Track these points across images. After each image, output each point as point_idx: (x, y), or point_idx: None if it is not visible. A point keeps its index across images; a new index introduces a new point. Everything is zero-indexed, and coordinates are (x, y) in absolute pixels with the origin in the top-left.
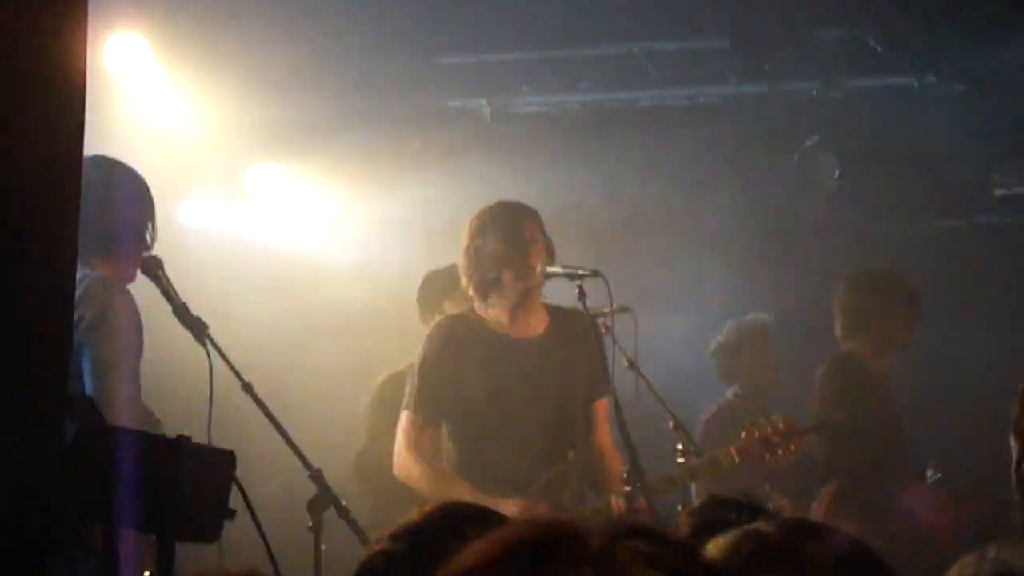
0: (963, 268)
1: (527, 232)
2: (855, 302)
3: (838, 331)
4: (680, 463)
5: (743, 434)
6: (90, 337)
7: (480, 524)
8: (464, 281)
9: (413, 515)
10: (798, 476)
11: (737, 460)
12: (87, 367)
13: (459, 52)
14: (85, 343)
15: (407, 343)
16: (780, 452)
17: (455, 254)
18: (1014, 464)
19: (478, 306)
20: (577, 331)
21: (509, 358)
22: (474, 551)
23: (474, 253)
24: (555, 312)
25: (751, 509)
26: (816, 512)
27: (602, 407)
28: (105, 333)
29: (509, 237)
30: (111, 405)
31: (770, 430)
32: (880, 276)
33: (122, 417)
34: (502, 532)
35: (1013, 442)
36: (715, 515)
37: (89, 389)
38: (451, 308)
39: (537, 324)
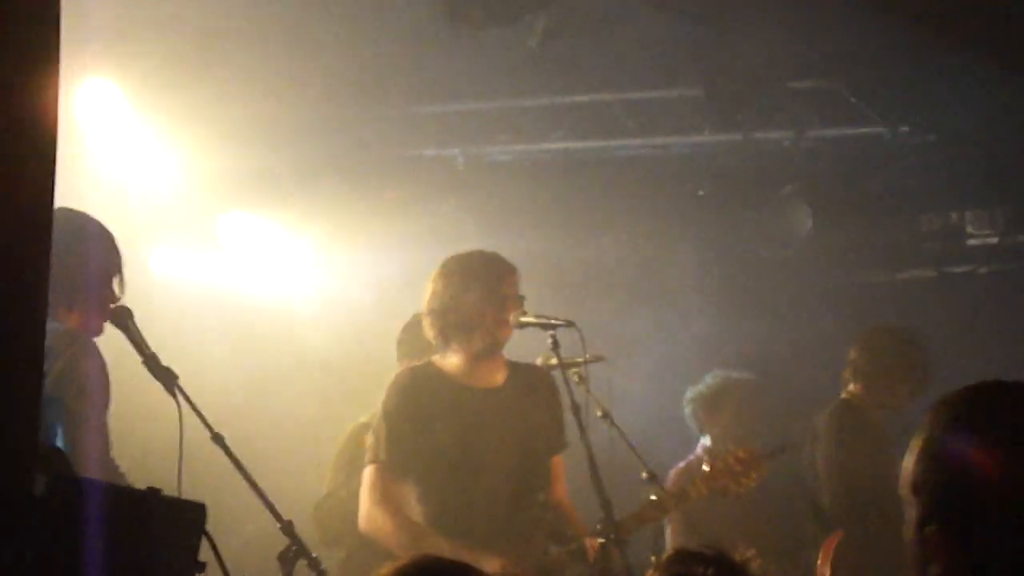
0: (936, 318)
1: (505, 285)
2: (867, 358)
3: (847, 374)
4: (651, 499)
5: (706, 465)
6: (58, 392)
7: None
8: (428, 326)
9: (385, 571)
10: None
11: (704, 491)
12: (55, 422)
13: (433, 101)
14: (52, 396)
15: (379, 391)
16: (743, 480)
17: None
18: (915, 524)
19: (436, 357)
20: (535, 384)
21: (473, 407)
22: None
23: (447, 300)
24: (513, 365)
25: (718, 562)
26: (822, 559)
27: (558, 463)
28: (74, 388)
29: (487, 288)
30: (79, 459)
31: (732, 459)
32: (903, 339)
33: (90, 471)
34: None
35: (913, 498)
36: (683, 569)
37: (58, 444)
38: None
39: (497, 375)
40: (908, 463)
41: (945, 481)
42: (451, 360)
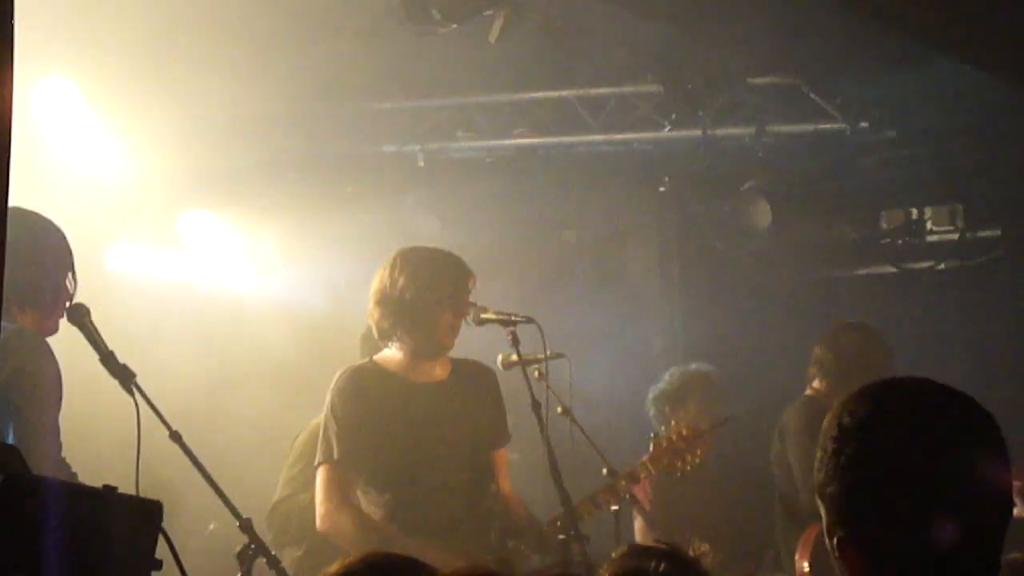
0: (895, 314)
1: (462, 293)
2: (832, 355)
3: (812, 370)
4: (605, 484)
5: (651, 446)
6: (10, 393)
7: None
8: (378, 311)
9: (334, 568)
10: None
11: (653, 471)
12: (6, 423)
13: (393, 98)
14: (2, 396)
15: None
16: (688, 457)
17: None
18: (826, 531)
19: (377, 356)
20: (477, 379)
21: (421, 401)
22: None
23: (401, 294)
24: (456, 361)
25: (670, 556)
26: (800, 554)
27: (502, 456)
28: (27, 388)
29: (443, 298)
30: (30, 459)
31: (675, 437)
32: (869, 338)
33: (42, 471)
34: None
35: (821, 503)
36: (634, 563)
37: (8, 442)
38: None
39: (440, 370)
40: (814, 469)
41: (842, 490)
42: (394, 356)
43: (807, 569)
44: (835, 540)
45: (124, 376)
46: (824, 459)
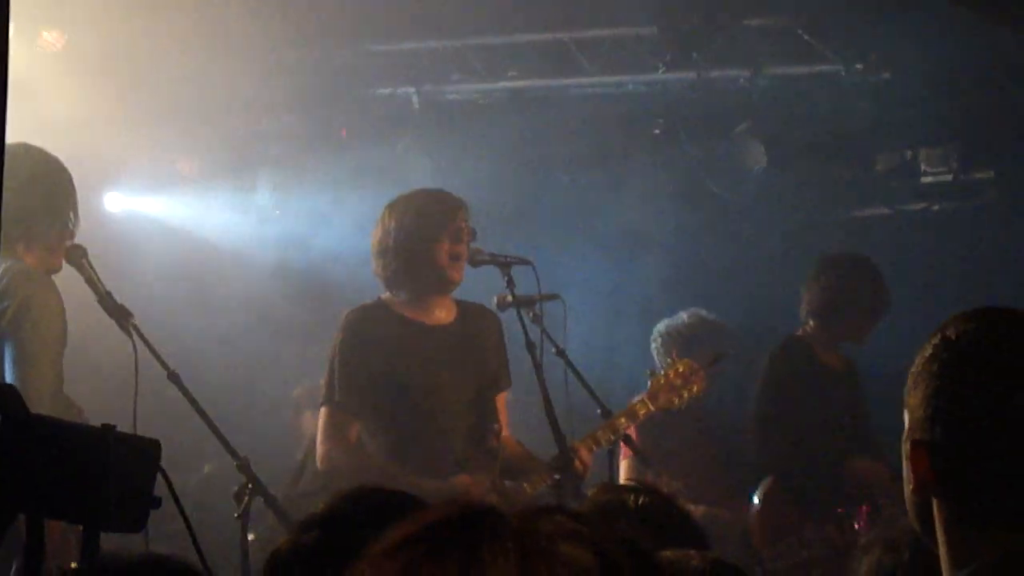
0: (890, 255)
1: (456, 222)
2: (821, 286)
3: (802, 311)
4: (604, 422)
5: (649, 383)
6: (13, 328)
7: (394, 510)
8: (379, 263)
9: (323, 504)
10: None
11: (652, 408)
12: (8, 358)
13: (388, 40)
14: (7, 334)
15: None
16: (684, 393)
17: None
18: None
19: (386, 296)
20: (482, 322)
21: (427, 343)
22: (396, 533)
23: (398, 238)
24: (462, 304)
25: (648, 491)
26: (756, 508)
27: (502, 400)
28: (28, 324)
29: (437, 227)
30: (32, 396)
31: (672, 373)
32: (853, 271)
33: (43, 409)
34: (423, 514)
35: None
36: (613, 496)
37: (10, 379)
38: None
39: (447, 313)
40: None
41: (928, 395)
42: (401, 297)
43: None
44: (909, 443)
45: (121, 316)
46: (919, 363)
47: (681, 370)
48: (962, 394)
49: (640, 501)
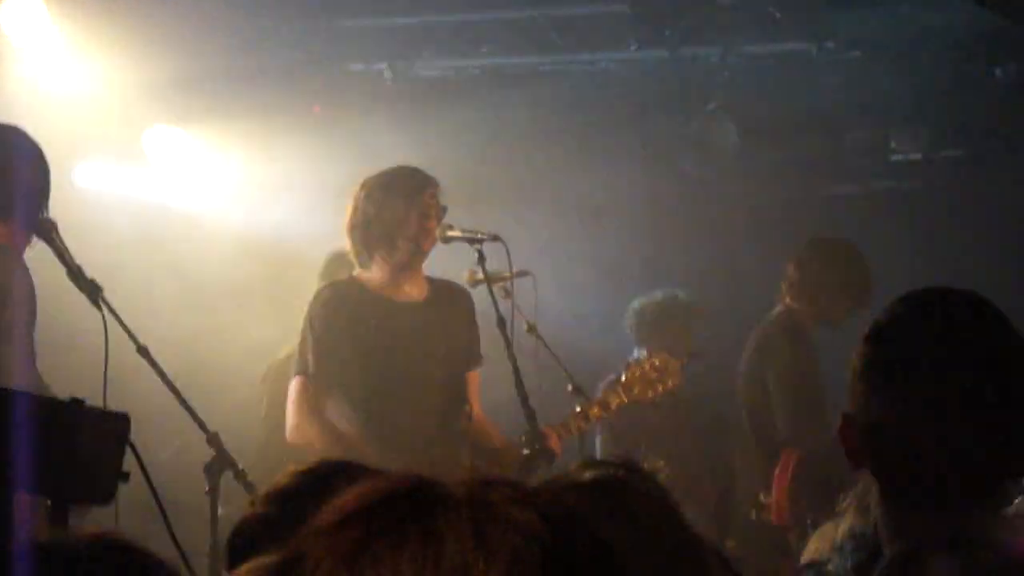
0: (860, 233)
1: (425, 197)
2: (813, 269)
3: (784, 287)
4: (576, 410)
5: (624, 375)
6: None
7: (354, 481)
8: (351, 240)
9: (283, 477)
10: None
11: (625, 399)
12: None
13: (361, 15)
14: None
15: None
16: (658, 386)
17: None
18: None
19: (358, 272)
20: (454, 300)
21: (398, 319)
22: (345, 499)
23: (369, 213)
24: (433, 281)
25: (627, 466)
26: (778, 482)
27: (475, 378)
28: None
29: (407, 200)
30: (3, 373)
31: (648, 366)
32: (842, 254)
33: (14, 383)
34: (372, 482)
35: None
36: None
37: None
38: None
39: (418, 290)
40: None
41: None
42: (374, 274)
43: (781, 496)
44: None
45: (92, 290)
46: (859, 344)
47: (657, 363)
48: (887, 374)
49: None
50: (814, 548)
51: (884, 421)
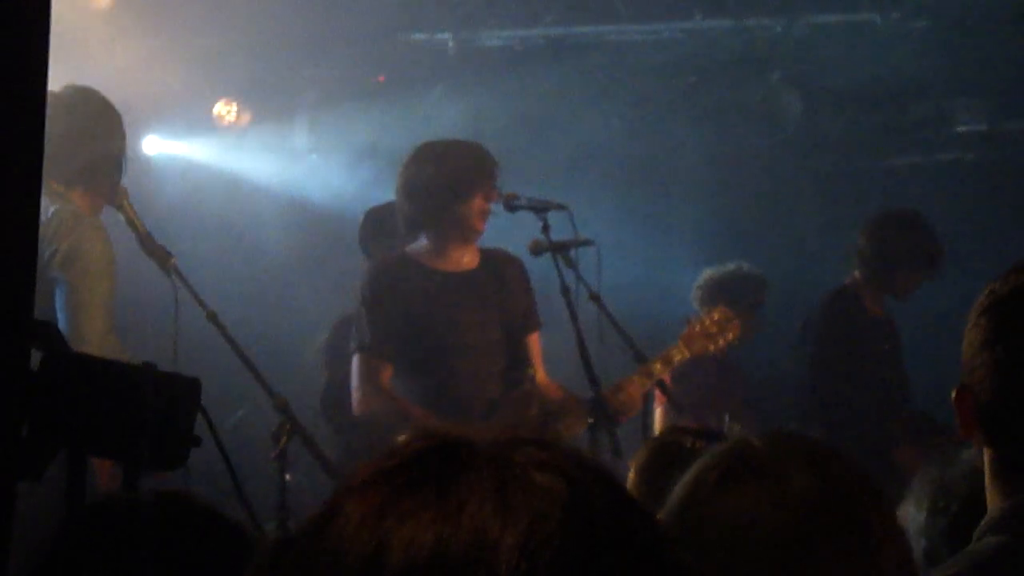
0: (923, 205)
1: (490, 179)
2: (876, 240)
3: (855, 259)
4: (639, 367)
5: (685, 328)
6: (64, 271)
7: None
8: (407, 204)
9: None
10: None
11: (687, 353)
12: (60, 301)
13: None
14: (59, 277)
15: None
16: (720, 340)
17: None
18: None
19: (407, 248)
20: (507, 267)
21: (451, 289)
22: (371, 467)
23: (433, 185)
24: (484, 251)
25: (707, 435)
26: None
27: (534, 341)
28: (78, 267)
29: (471, 181)
30: (83, 339)
31: (708, 321)
32: (910, 225)
33: (91, 349)
34: (395, 446)
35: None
36: (670, 438)
37: (62, 323)
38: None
39: (470, 259)
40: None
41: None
42: (424, 247)
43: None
44: (956, 387)
45: (162, 257)
46: (972, 314)
47: (716, 317)
48: (1008, 344)
49: (697, 445)
50: None
51: (1012, 394)
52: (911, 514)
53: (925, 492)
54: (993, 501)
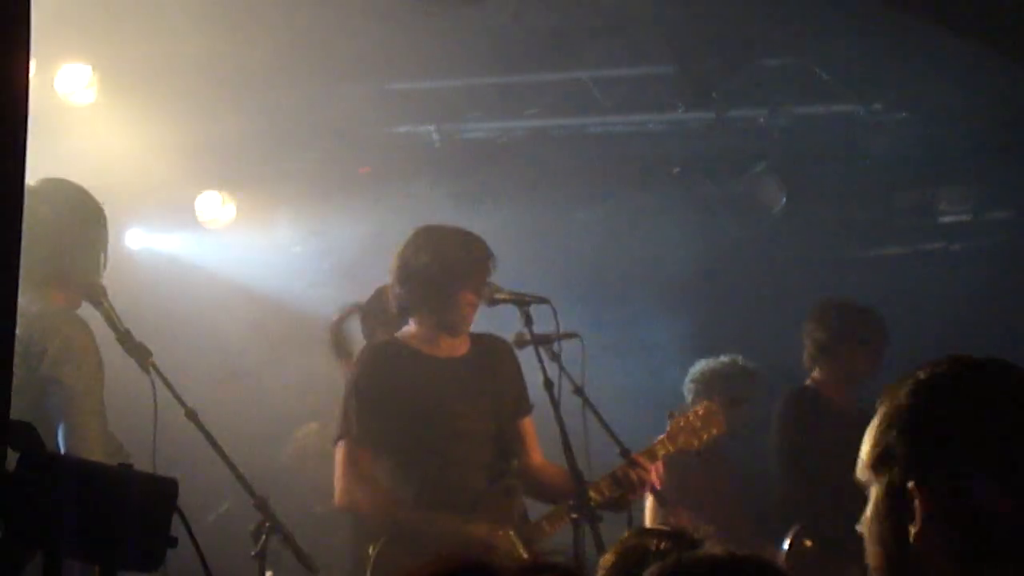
0: (908, 295)
1: (484, 273)
2: (820, 330)
3: (805, 360)
4: (623, 462)
5: (669, 424)
6: (57, 371)
7: None
8: (399, 287)
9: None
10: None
11: (670, 448)
12: (57, 403)
13: (408, 78)
14: (52, 377)
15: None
16: (703, 435)
17: None
18: (885, 493)
19: (398, 333)
20: (497, 352)
21: (441, 376)
22: None
23: (421, 270)
24: (474, 336)
25: (674, 537)
26: (784, 556)
27: (528, 425)
28: (71, 366)
29: (466, 273)
30: (87, 440)
31: (692, 416)
32: (849, 306)
33: (95, 447)
34: (428, 565)
35: (874, 475)
36: (638, 541)
37: (59, 423)
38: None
39: (460, 345)
40: (867, 443)
41: (924, 439)
42: (415, 332)
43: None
44: (906, 492)
45: (140, 354)
46: (888, 425)
47: (701, 412)
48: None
49: (662, 546)
50: None
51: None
52: None
53: None
54: None
